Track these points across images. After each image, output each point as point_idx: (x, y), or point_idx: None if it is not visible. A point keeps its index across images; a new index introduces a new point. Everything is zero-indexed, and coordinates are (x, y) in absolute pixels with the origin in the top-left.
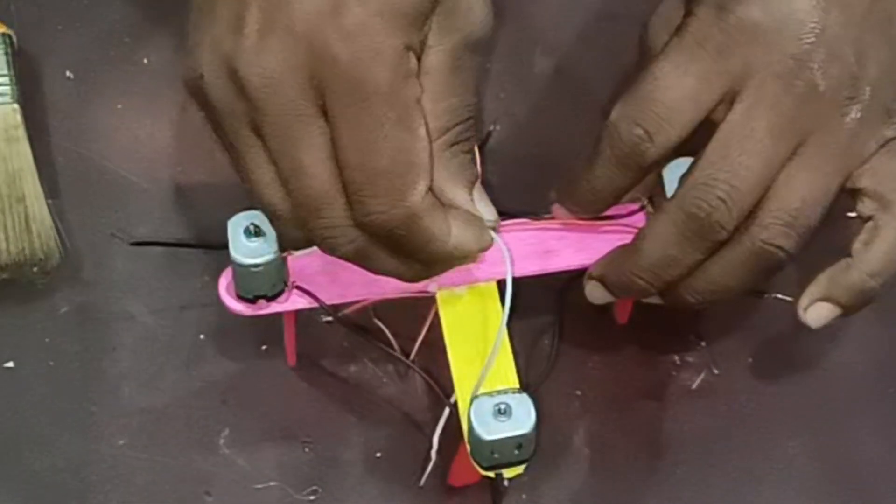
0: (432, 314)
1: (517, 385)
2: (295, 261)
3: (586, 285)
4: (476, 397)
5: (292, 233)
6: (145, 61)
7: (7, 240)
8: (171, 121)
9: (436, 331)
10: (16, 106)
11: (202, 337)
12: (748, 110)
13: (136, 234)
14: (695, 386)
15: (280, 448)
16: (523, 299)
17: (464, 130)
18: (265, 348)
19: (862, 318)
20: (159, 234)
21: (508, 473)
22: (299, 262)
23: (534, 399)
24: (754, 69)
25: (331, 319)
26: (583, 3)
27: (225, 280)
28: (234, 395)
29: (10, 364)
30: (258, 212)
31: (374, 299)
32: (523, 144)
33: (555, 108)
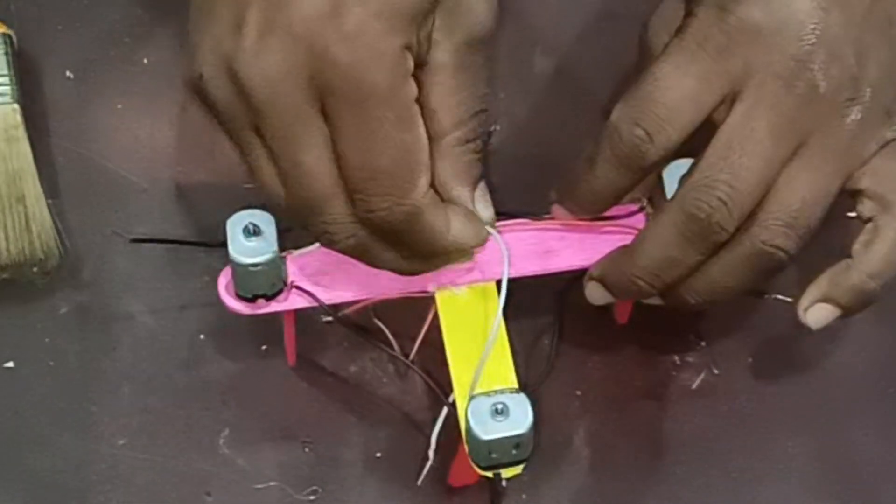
0: (432, 314)
1: (515, 385)
2: (294, 260)
3: (586, 286)
4: (474, 397)
5: (296, 223)
6: (145, 61)
7: (7, 240)
8: (171, 121)
9: (436, 331)
10: (16, 106)
11: (202, 337)
12: (749, 111)
13: (136, 233)
14: (695, 386)
15: (280, 448)
16: (523, 299)
17: (475, 127)
18: (265, 348)
19: (862, 318)
20: (159, 234)
21: (507, 473)
22: (298, 261)
23: (532, 399)
24: (755, 70)
25: (331, 319)
26: (583, 3)
27: (224, 279)
28: (234, 395)
29: (10, 364)
30: (257, 211)
31: (374, 299)
32: (523, 144)
33: (555, 108)
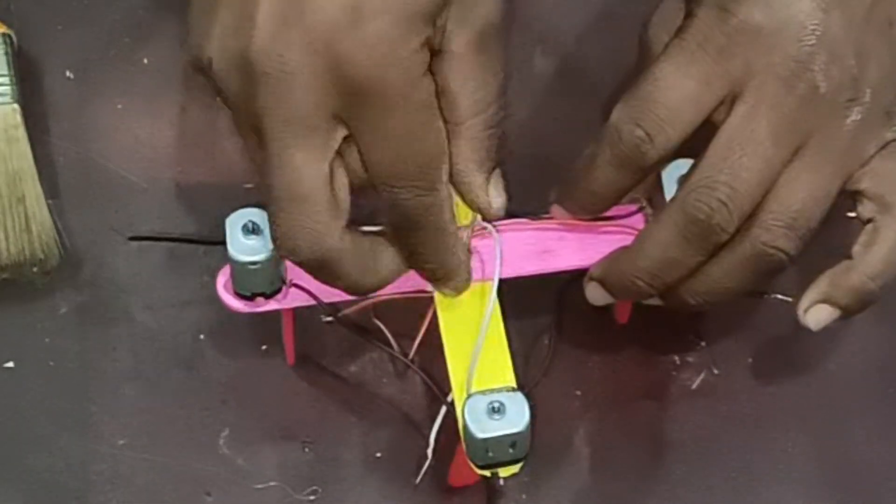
0: (431, 314)
1: (513, 384)
2: None
3: (586, 287)
4: (471, 395)
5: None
6: (145, 61)
7: (7, 240)
8: (171, 121)
9: (435, 330)
10: (16, 106)
11: (202, 337)
12: (749, 112)
13: (136, 233)
14: (695, 386)
15: (280, 448)
16: (522, 299)
17: (494, 114)
18: (265, 348)
19: (862, 318)
20: (159, 234)
21: (504, 472)
22: None
23: (529, 398)
24: (755, 71)
25: (331, 319)
26: (583, 3)
27: (223, 277)
28: (234, 395)
29: (10, 364)
30: (256, 209)
31: (374, 299)
32: (523, 144)
33: (555, 108)
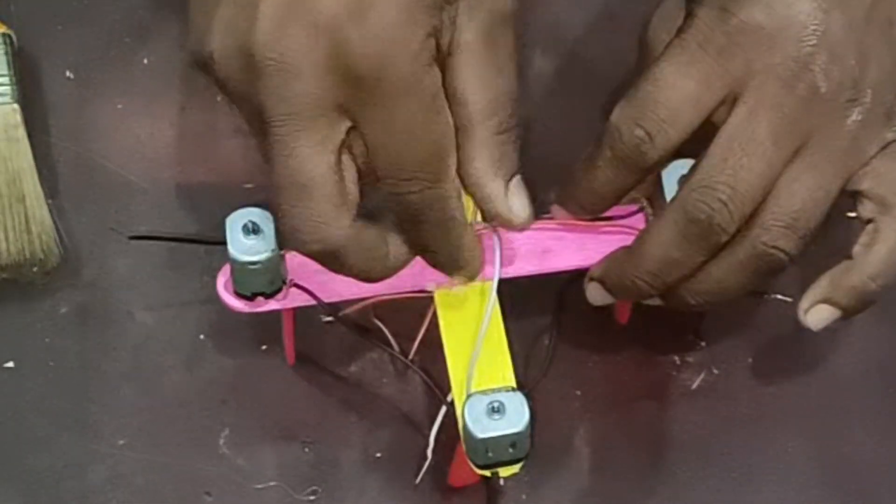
0: (431, 314)
1: (513, 384)
2: (293, 258)
3: (587, 287)
4: (470, 395)
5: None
6: (145, 61)
7: (7, 240)
8: (171, 121)
9: (435, 330)
10: (16, 106)
11: (202, 337)
12: (750, 112)
13: (136, 233)
14: (695, 386)
15: (280, 448)
16: (522, 299)
17: (509, 116)
18: (265, 348)
19: (862, 318)
20: (159, 234)
21: (504, 472)
22: (298, 259)
23: (529, 398)
24: (756, 71)
25: (331, 319)
26: (583, 3)
27: (223, 277)
28: (234, 395)
29: (10, 364)
30: (256, 209)
31: (374, 299)
32: (523, 144)
33: (555, 109)
